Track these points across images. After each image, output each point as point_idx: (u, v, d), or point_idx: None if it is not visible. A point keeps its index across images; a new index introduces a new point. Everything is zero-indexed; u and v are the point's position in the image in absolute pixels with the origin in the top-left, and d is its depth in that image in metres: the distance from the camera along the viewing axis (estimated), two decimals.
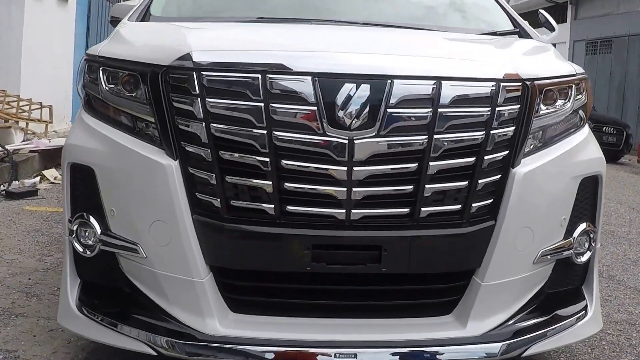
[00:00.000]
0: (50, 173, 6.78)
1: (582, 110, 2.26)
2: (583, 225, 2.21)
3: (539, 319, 2.16)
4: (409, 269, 2.00)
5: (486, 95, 1.96)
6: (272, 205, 1.91)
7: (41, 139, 8.10)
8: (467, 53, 2.24)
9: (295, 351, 1.96)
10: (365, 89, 1.87)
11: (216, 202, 1.93)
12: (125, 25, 2.61)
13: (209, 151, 1.90)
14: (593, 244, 2.24)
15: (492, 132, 1.96)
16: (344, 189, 1.90)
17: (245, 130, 1.88)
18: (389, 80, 1.89)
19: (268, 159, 1.88)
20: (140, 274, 2.07)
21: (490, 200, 2.02)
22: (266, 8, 2.82)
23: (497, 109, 1.96)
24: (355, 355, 1.94)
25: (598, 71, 19.94)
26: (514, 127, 2.00)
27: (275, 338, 1.95)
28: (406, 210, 1.96)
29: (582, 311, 2.25)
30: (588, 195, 2.25)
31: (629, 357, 2.76)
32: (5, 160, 6.34)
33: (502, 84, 1.97)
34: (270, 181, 1.89)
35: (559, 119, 2.15)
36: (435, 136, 1.91)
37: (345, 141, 1.87)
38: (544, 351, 2.19)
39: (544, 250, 2.12)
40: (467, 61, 2.07)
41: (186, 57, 1.93)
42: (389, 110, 1.88)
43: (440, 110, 1.91)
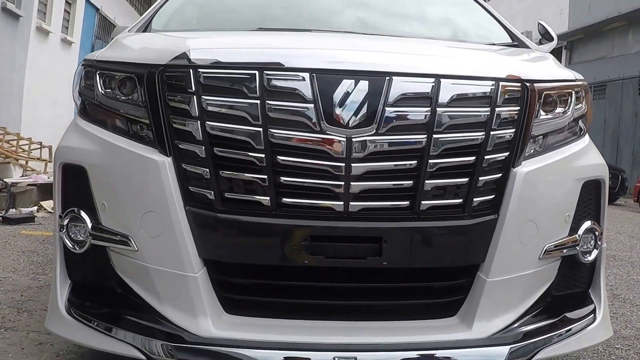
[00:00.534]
0: (48, 204, 6.77)
1: (583, 121, 2.25)
2: (588, 223, 2.16)
3: (547, 322, 2.07)
4: (411, 263, 1.93)
5: (486, 94, 1.94)
6: (268, 197, 1.86)
7: (39, 174, 8.13)
8: (467, 54, 2.25)
9: (293, 355, 1.85)
10: (363, 86, 1.84)
11: (210, 195, 1.88)
12: (125, 35, 2.64)
13: (203, 148, 1.86)
14: (599, 242, 2.19)
15: (492, 133, 1.93)
16: (342, 183, 1.86)
17: (241, 128, 1.85)
18: (388, 78, 1.86)
19: (264, 156, 1.84)
20: (131, 270, 1.99)
21: (492, 196, 1.97)
22: (266, 20, 2.85)
23: (497, 109, 1.93)
24: (355, 359, 1.85)
25: (592, 118, 20.14)
26: (513, 129, 1.97)
27: (271, 340, 1.86)
28: (406, 203, 1.91)
29: (591, 314, 2.17)
30: (591, 197, 2.21)
31: None
32: (3, 191, 6.37)
33: (502, 83, 1.94)
34: (265, 175, 1.85)
35: (559, 126, 2.12)
36: (434, 135, 1.87)
37: (343, 139, 1.84)
38: (553, 357, 2.11)
39: (549, 245, 2.05)
40: (467, 60, 2.07)
41: (183, 56, 1.92)
42: (388, 108, 1.85)
43: (439, 108, 1.88)
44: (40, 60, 10.93)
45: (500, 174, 1.97)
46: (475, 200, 1.94)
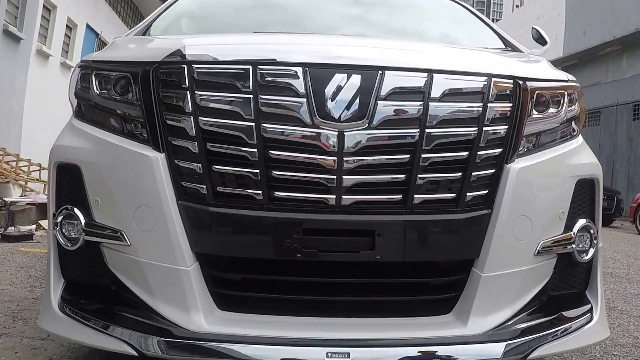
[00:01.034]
0: (46, 223, 6.74)
1: (576, 122, 2.27)
2: (583, 221, 2.15)
3: (543, 319, 2.07)
4: (404, 257, 1.93)
5: (478, 90, 1.95)
6: (260, 191, 1.88)
7: (38, 194, 8.13)
8: (459, 51, 2.29)
9: (285, 350, 1.84)
10: (355, 80, 1.86)
11: (202, 189, 1.89)
12: (122, 38, 2.70)
13: (196, 144, 1.88)
14: (595, 241, 2.18)
15: (485, 128, 1.94)
16: (334, 176, 1.87)
17: (235, 123, 1.86)
18: (380, 72, 1.87)
19: (256, 150, 1.86)
20: (124, 265, 2.00)
21: (486, 192, 1.98)
22: (262, 27, 2.91)
23: (489, 104, 1.95)
24: (348, 355, 1.83)
25: (588, 144, 20.22)
26: (506, 125, 1.99)
27: (264, 336, 1.85)
28: (399, 197, 1.92)
29: (588, 313, 2.15)
30: (585, 196, 2.22)
31: None
32: (2, 209, 6.39)
33: (494, 79, 1.96)
34: (258, 170, 1.86)
35: (552, 125, 2.14)
36: (427, 129, 1.88)
37: (335, 133, 1.85)
38: (550, 354, 2.10)
39: (544, 241, 2.06)
40: (459, 57, 2.11)
41: (177, 53, 1.95)
42: (380, 102, 1.87)
43: (431, 103, 1.89)
44: (40, 83, 11.03)
45: (494, 170, 1.98)
46: (468, 195, 1.95)
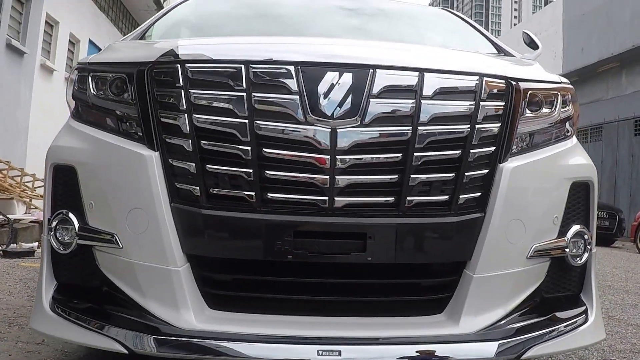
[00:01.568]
0: None
1: (570, 123, 2.27)
2: (577, 227, 2.15)
3: (537, 319, 2.06)
4: (396, 259, 1.92)
5: (470, 89, 1.97)
6: (253, 192, 1.88)
7: (42, 212, 8.12)
8: (451, 52, 2.31)
9: (276, 348, 1.83)
10: (347, 78, 1.88)
11: (195, 191, 1.90)
12: (119, 41, 2.75)
13: (190, 142, 1.90)
14: (589, 246, 2.17)
15: (477, 127, 1.95)
16: (327, 176, 1.87)
17: (228, 121, 1.88)
18: (372, 70, 1.89)
19: (249, 148, 1.87)
20: (116, 267, 2.01)
21: (479, 194, 1.98)
22: (258, 34, 2.94)
23: (482, 103, 1.96)
24: (339, 353, 1.82)
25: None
26: (499, 124, 2.00)
27: (254, 333, 1.85)
28: (391, 199, 1.92)
29: (583, 315, 2.14)
30: (580, 200, 2.20)
31: None
32: (5, 226, 6.44)
33: (486, 79, 1.98)
34: (251, 169, 1.87)
35: (545, 125, 2.14)
36: (419, 127, 1.89)
37: (328, 130, 1.86)
38: (543, 355, 2.09)
39: (537, 245, 2.05)
40: (451, 57, 2.13)
41: (171, 52, 1.97)
42: (372, 100, 1.88)
43: (423, 101, 1.91)
44: (44, 97, 11.10)
45: (487, 170, 1.98)
46: (461, 197, 1.94)
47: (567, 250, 2.11)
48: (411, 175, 1.90)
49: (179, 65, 1.93)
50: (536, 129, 2.12)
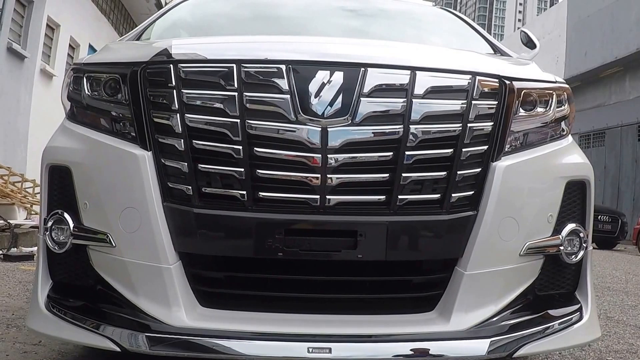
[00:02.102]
0: None
1: (565, 123, 2.26)
2: (572, 225, 2.13)
3: (529, 317, 2.04)
4: (387, 256, 1.93)
5: (462, 88, 1.96)
6: (244, 191, 1.89)
7: None
8: (444, 50, 2.31)
9: (266, 345, 1.85)
10: (338, 77, 1.88)
11: (187, 190, 1.92)
12: (114, 42, 2.77)
13: (182, 141, 1.91)
14: (584, 244, 2.15)
15: (469, 125, 1.95)
16: (318, 175, 1.88)
17: (219, 120, 1.89)
18: (363, 69, 1.90)
19: (241, 147, 1.88)
20: (109, 265, 2.02)
21: (471, 192, 1.98)
22: (255, 31, 2.96)
23: (474, 102, 1.96)
24: (329, 350, 1.83)
25: (592, 165, 20.13)
26: (491, 122, 1.99)
27: (245, 330, 1.86)
28: (382, 197, 1.92)
29: (577, 313, 2.12)
30: (576, 199, 2.18)
31: None
32: (6, 231, 6.49)
33: (478, 77, 1.98)
34: (242, 168, 1.88)
35: (539, 125, 2.13)
36: (410, 126, 1.90)
37: (319, 129, 1.87)
38: (537, 352, 2.08)
39: (530, 243, 2.04)
40: (443, 55, 2.13)
41: (164, 52, 1.99)
42: (363, 99, 1.89)
43: (415, 100, 1.90)
44: (44, 103, 11.14)
45: (479, 168, 1.98)
46: (453, 195, 1.94)
47: (562, 248, 2.10)
48: (402, 174, 1.91)
49: (171, 65, 1.95)
50: (530, 128, 2.11)
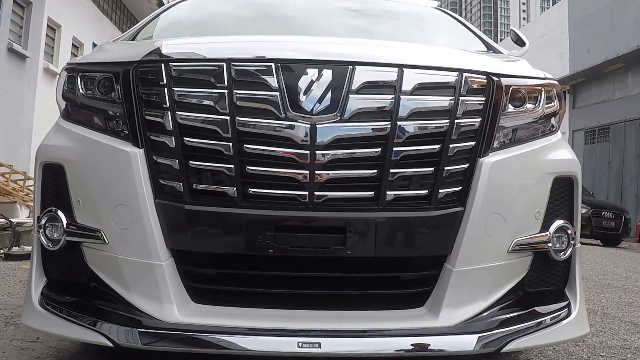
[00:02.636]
0: None
1: (554, 119, 2.27)
2: (560, 222, 2.14)
3: (517, 313, 2.07)
4: (376, 253, 1.95)
5: (449, 84, 1.98)
6: (234, 187, 1.92)
7: None
8: (432, 48, 2.33)
9: (256, 340, 1.88)
10: (327, 75, 1.92)
11: (178, 187, 1.94)
12: (109, 42, 2.80)
13: (173, 138, 1.93)
14: (572, 241, 2.17)
15: (457, 122, 1.96)
16: (307, 171, 1.90)
17: (210, 117, 1.92)
18: (351, 67, 1.93)
19: (231, 144, 1.90)
20: (102, 262, 2.05)
21: (459, 188, 2.00)
22: (251, 30, 2.98)
23: (461, 98, 1.98)
24: (319, 345, 1.85)
25: (597, 160, 20.22)
26: (479, 119, 2.01)
27: (235, 326, 1.89)
28: (371, 193, 1.94)
29: (565, 309, 2.14)
30: (563, 195, 2.20)
31: None
32: (7, 229, 6.52)
33: (466, 74, 2.00)
34: (232, 165, 1.91)
35: (528, 121, 2.15)
36: (398, 123, 1.92)
37: (308, 126, 1.90)
38: (525, 348, 2.10)
39: (518, 240, 2.06)
40: (431, 53, 2.15)
41: (156, 51, 2.03)
42: (351, 96, 1.91)
43: (402, 97, 1.93)
44: (48, 101, 11.11)
45: (467, 164, 2.00)
46: (441, 191, 1.97)
47: (550, 245, 2.11)
48: (390, 170, 1.93)
49: (162, 64, 1.98)
50: (519, 124, 2.13)
